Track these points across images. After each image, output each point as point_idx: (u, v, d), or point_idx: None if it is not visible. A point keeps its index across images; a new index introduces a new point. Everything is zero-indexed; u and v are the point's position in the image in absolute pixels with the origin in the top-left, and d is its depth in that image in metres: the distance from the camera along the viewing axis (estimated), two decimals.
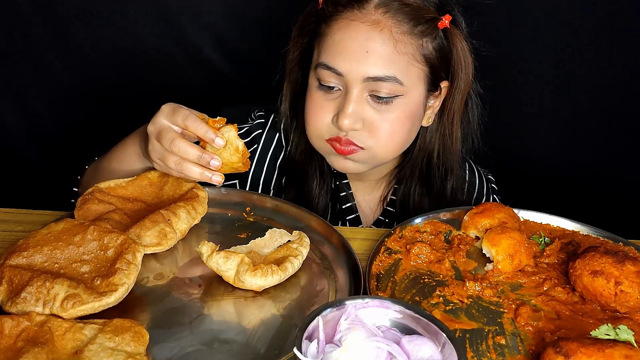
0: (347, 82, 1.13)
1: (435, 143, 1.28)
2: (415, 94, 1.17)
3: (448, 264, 1.02)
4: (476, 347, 0.85)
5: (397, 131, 1.18)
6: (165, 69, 1.80)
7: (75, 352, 0.75)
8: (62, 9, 1.67)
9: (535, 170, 1.80)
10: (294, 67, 1.28)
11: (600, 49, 1.60)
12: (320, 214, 1.32)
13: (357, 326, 0.76)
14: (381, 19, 1.11)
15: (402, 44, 1.12)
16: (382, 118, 1.15)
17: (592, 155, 1.74)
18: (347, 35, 1.12)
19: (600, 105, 1.67)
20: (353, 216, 1.38)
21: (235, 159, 1.03)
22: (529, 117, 1.75)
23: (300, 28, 1.24)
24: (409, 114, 1.18)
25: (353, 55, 1.11)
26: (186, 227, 1.04)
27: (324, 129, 1.19)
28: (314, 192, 1.33)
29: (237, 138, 1.02)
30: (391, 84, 1.12)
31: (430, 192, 1.33)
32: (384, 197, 1.40)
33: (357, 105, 1.14)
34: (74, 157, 1.91)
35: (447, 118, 1.26)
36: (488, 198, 1.46)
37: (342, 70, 1.13)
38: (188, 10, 1.72)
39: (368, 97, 1.14)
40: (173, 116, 1.02)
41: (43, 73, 1.75)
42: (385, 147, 1.19)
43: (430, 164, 1.30)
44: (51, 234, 0.91)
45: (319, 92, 1.19)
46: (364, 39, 1.11)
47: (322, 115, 1.18)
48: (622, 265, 0.91)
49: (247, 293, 0.92)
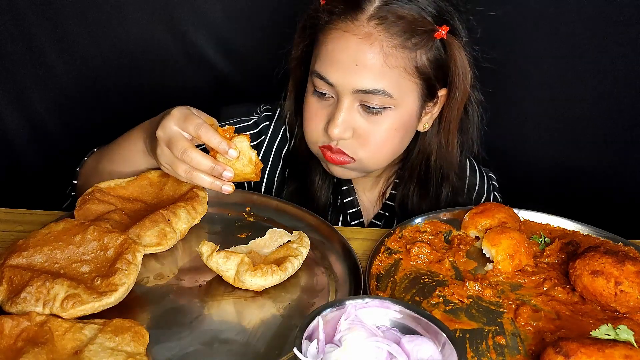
0: (338, 92, 1.14)
1: (434, 148, 1.29)
2: (407, 106, 1.16)
3: (448, 264, 1.02)
4: (476, 347, 0.85)
5: (387, 141, 1.18)
6: (165, 68, 1.80)
7: (75, 352, 0.75)
8: (62, 10, 1.67)
9: (535, 171, 1.80)
10: (297, 66, 1.29)
11: (600, 51, 1.60)
12: (321, 207, 1.34)
13: (357, 326, 0.76)
14: (373, 31, 1.10)
15: (392, 58, 1.11)
16: (373, 128, 1.15)
17: (592, 155, 1.74)
18: (339, 46, 1.12)
19: (600, 105, 1.67)
20: (354, 210, 1.39)
21: (248, 170, 1.03)
22: (529, 117, 1.75)
23: (302, 29, 1.25)
24: (399, 125, 1.17)
25: (343, 67, 1.11)
26: (186, 227, 1.04)
27: (318, 135, 1.20)
28: (316, 185, 1.34)
29: (250, 149, 1.02)
30: (381, 97, 1.12)
31: (426, 195, 1.33)
32: (384, 192, 1.41)
33: (347, 115, 1.14)
34: (74, 157, 1.91)
35: (444, 126, 1.25)
36: (489, 195, 1.47)
37: (332, 81, 1.13)
38: (188, 10, 1.72)
39: (359, 107, 1.14)
40: (184, 123, 1.00)
41: (43, 73, 1.75)
42: (375, 157, 1.20)
43: (429, 168, 1.31)
44: (51, 234, 0.91)
45: (314, 97, 1.20)
46: (354, 52, 1.10)
47: (315, 122, 1.20)
48: (622, 265, 0.91)
49: (247, 293, 0.92)
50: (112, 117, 1.86)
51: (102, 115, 1.85)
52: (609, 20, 1.56)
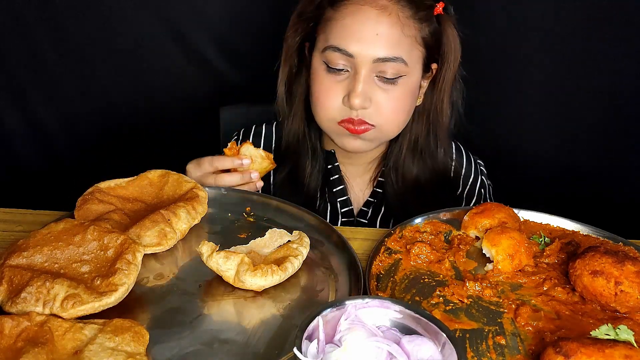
0: (356, 63, 1.21)
1: (423, 121, 1.37)
2: (415, 74, 1.27)
3: (448, 264, 1.02)
4: (476, 347, 0.85)
5: (400, 108, 1.28)
6: (165, 68, 1.80)
7: (75, 352, 0.75)
8: (62, 10, 1.67)
9: (535, 171, 1.80)
10: (293, 52, 1.34)
11: (600, 51, 1.60)
12: (311, 193, 1.40)
13: (357, 326, 0.76)
14: (388, 4, 1.20)
15: (407, 27, 1.21)
16: (388, 97, 1.24)
17: (592, 155, 1.74)
18: (357, 19, 1.20)
19: (601, 105, 1.67)
20: (344, 198, 1.44)
21: (265, 164, 1.23)
22: (529, 118, 1.75)
23: (300, 14, 1.31)
24: (410, 92, 1.28)
25: (364, 37, 1.19)
26: (186, 227, 1.04)
27: (335, 111, 1.26)
28: (306, 172, 1.40)
29: (256, 149, 1.21)
30: (397, 64, 1.21)
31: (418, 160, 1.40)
32: (373, 179, 1.47)
33: (366, 85, 1.22)
34: (74, 157, 1.91)
35: (438, 95, 1.34)
36: (476, 177, 1.50)
37: (352, 52, 1.20)
38: (188, 11, 1.72)
39: (375, 78, 1.22)
40: (200, 167, 1.20)
41: (43, 73, 1.75)
42: (392, 123, 1.29)
43: (419, 141, 1.38)
44: (51, 234, 0.91)
45: (327, 75, 1.25)
46: (374, 23, 1.19)
47: (332, 97, 1.25)
48: (622, 265, 0.91)
49: (247, 293, 0.92)
50: (112, 117, 1.86)
51: (101, 115, 1.85)
52: (609, 20, 1.56)
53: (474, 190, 1.47)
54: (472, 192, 1.47)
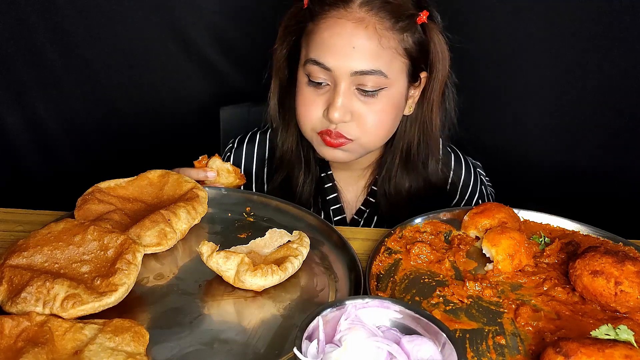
0: (335, 77, 1.19)
1: (415, 130, 1.35)
2: (398, 86, 1.24)
3: (448, 264, 1.02)
4: (476, 347, 0.85)
5: (383, 121, 1.25)
6: (165, 68, 1.80)
7: (75, 352, 0.75)
8: (62, 10, 1.67)
9: (535, 171, 1.80)
10: (282, 64, 1.34)
11: (601, 51, 1.60)
12: (304, 202, 1.39)
13: (357, 326, 0.76)
14: (365, 16, 1.17)
15: (385, 39, 1.18)
16: (369, 109, 1.22)
17: (592, 155, 1.74)
18: (335, 32, 1.18)
19: (601, 105, 1.67)
20: (337, 206, 1.44)
21: (231, 179, 1.25)
22: (529, 118, 1.75)
23: (286, 27, 1.30)
24: (393, 104, 1.25)
25: (340, 51, 1.17)
26: (186, 227, 1.04)
27: (316, 122, 1.25)
28: (299, 181, 1.40)
29: (224, 163, 1.25)
30: (376, 77, 1.18)
31: (411, 171, 1.38)
32: (368, 185, 1.46)
33: (345, 99, 1.20)
34: (74, 157, 1.91)
35: (427, 106, 1.32)
36: (475, 187, 1.49)
37: (330, 66, 1.18)
38: (188, 10, 1.72)
39: (355, 91, 1.21)
40: None
41: (43, 73, 1.75)
42: (373, 136, 1.26)
43: (411, 151, 1.37)
44: (51, 234, 0.91)
45: (309, 88, 1.24)
46: (350, 36, 1.16)
47: (313, 110, 1.24)
48: (622, 265, 0.91)
49: (247, 293, 0.92)
50: (112, 116, 1.86)
51: (102, 114, 1.85)
52: (610, 20, 1.56)
53: (471, 201, 1.47)
54: (470, 203, 1.46)
